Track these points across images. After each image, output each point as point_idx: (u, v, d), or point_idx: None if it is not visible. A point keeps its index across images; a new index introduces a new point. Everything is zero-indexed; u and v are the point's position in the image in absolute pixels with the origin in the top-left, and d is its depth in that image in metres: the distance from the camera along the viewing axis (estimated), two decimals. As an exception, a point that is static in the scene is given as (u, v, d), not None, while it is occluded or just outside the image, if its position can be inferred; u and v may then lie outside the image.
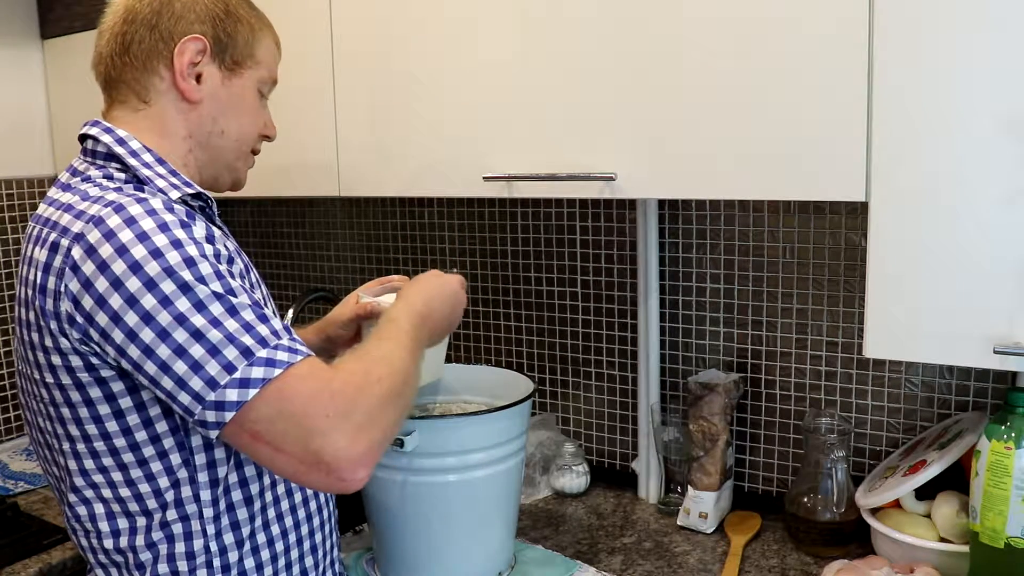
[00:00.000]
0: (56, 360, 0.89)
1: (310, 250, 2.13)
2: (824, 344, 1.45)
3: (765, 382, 1.52)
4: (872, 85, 1.01)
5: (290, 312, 1.77)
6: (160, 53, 0.98)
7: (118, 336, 0.84)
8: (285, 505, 1.01)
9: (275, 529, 1.00)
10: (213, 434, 0.84)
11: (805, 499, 1.36)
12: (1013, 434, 1.08)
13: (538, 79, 1.26)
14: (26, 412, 1.00)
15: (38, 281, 0.88)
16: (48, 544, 1.46)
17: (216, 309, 0.84)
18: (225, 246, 0.93)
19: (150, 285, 0.83)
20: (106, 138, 0.97)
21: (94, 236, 0.85)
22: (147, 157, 0.97)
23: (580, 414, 1.74)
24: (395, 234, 1.96)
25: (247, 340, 0.83)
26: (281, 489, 1.01)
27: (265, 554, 0.99)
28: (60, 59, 2.02)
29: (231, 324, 0.83)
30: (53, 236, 0.88)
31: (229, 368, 0.82)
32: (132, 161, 0.96)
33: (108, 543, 0.95)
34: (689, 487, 1.48)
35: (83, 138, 1.00)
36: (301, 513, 1.03)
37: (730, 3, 1.09)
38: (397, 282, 1.27)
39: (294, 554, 1.03)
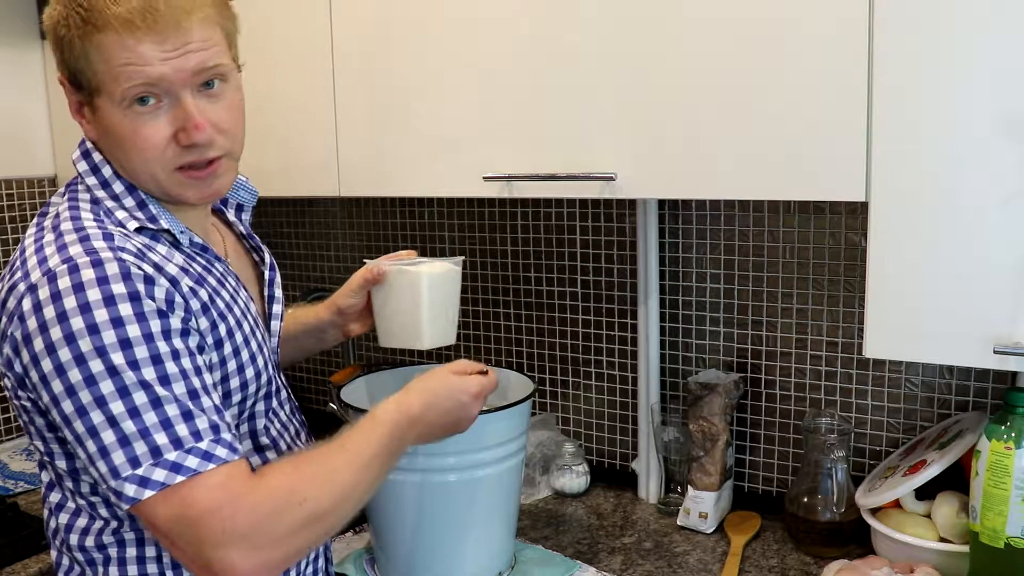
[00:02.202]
0: (15, 391, 0.90)
1: (310, 250, 2.13)
2: (824, 344, 1.45)
3: (765, 382, 1.52)
4: (872, 85, 1.01)
5: (290, 311, 1.77)
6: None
7: (44, 397, 0.84)
8: None
9: None
10: (118, 510, 0.85)
11: (805, 499, 1.36)
12: (1013, 434, 1.08)
13: (538, 79, 1.26)
14: None
15: None
16: (48, 544, 1.46)
17: (139, 398, 0.81)
18: (190, 290, 0.90)
19: (79, 360, 0.81)
20: (81, 165, 0.95)
21: (43, 293, 0.83)
22: (116, 188, 0.93)
23: (580, 414, 1.74)
24: (395, 234, 1.96)
25: (160, 439, 0.81)
26: None
27: None
28: (60, 59, 2.02)
29: (149, 417, 0.81)
30: (17, 275, 0.87)
31: (133, 463, 0.80)
32: (100, 193, 0.93)
33: (68, 536, 0.96)
34: (689, 487, 1.48)
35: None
36: None
37: (730, 3, 1.09)
38: (405, 255, 1.23)
39: None
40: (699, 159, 1.14)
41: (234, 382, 0.96)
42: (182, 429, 0.82)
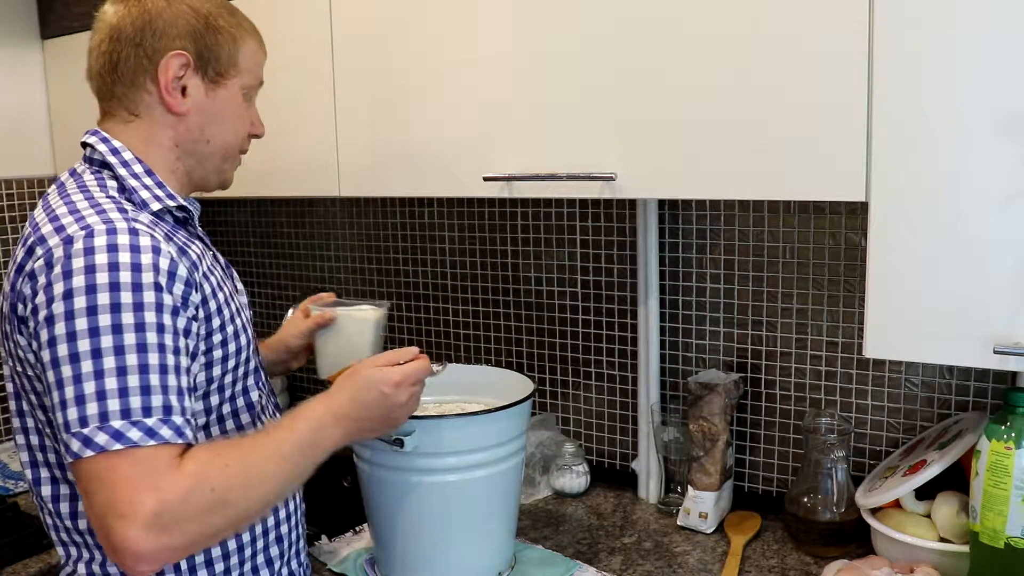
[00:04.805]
0: (19, 353, 0.94)
1: (310, 250, 2.13)
2: (824, 344, 1.45)
3: (765, 382, 1.52)
4: (872, 85, 1.01)
5: (290, 312, 1.77)
6: (146, 69, 1.03)
7: (34, 344, 0.90)
8: None
9: None
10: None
11: (805, 499, 1.36)
12: (1013, 434, 1.08)
13: (538, 79, 1.26)
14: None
15: (11, 278, 0.94)
16: (48, 544, 1.46)
17: (108, 363, 0.85)
18: (198, 256, 0.98)
19: (68, 316, 0.86)
20: (102, 147, 1.03)
21: (58, 253, 0.89)
22: (137, 168, 1.02)
23: (580, 414, 1.74)
24: (395, 234, 1.96)
25: (112, 405, 0.85)
26: None
27: (232, 543, 1.02)
28: (60, 59, 2.02)
29: (110, 383, 0.85)
30: (32, 240, 0.93)
31: (82, 422, 0.84)
32: (121, 171, 1.01)
33: (68, 523, 0.98)
34: (689, 487, 1.48)
35: (84, 144, 1.06)
36: None
37: (730, 3, 1.09)
38: (327, 297, 1.36)
39: (260, 543, 1.05)
40: (699, 159, 1.14)
41: (232, 346, 1.02)
42: (135, 401, 0.86)
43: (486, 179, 1.31)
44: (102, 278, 0.87)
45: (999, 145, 0.95)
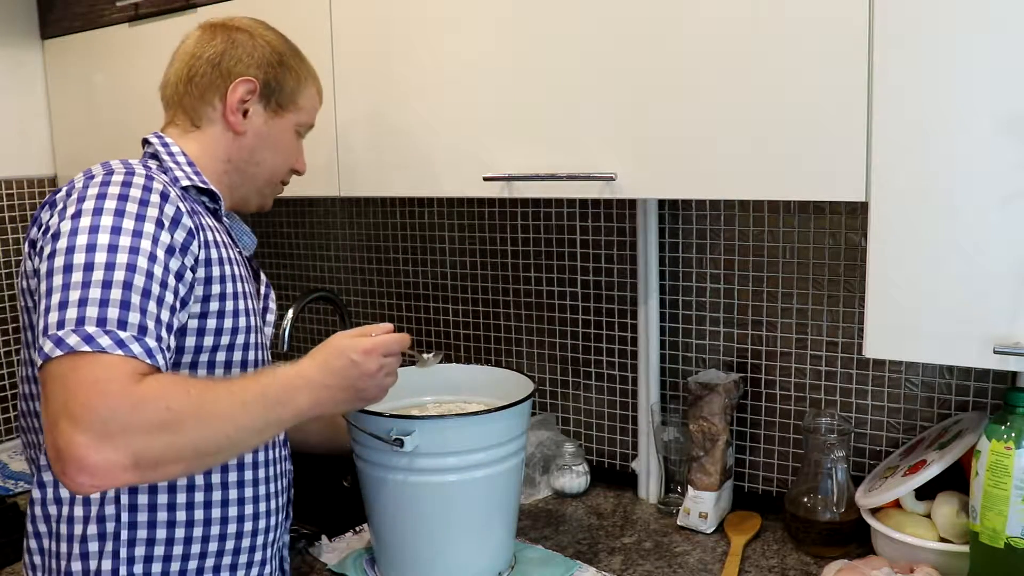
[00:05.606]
0: (24, 284, 1.00)
1: (310, 250, 2.13)
2: (824, 344, 1.45)
3: (765, 382, 1.52)
4: (872, 85, 1.01)
5: (290, 312, 1.77)
6: (217, 87, 1.14)
7: (36, 262, 0.96)
8: (217, 496, 1.06)
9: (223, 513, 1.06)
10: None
11: (805, 499, 1.36)
12: (1013, 434, 1.08)
13: (538, 79, 1.26)
14: (21, 388, 1.07)
15: (37, 213, 1.01)
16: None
17: (97, 275, 0.89)
18: (208, 226, 1.03)
19: (72, 233, 0.92)
20: (155, 141, 1.14)
21: (79, 184, 0.98)
22: (180, 158, 1.11)
23: (580, 414, 1.74)
24: (395, 234, 1.96)
25: (91, 311, 0.87)
26: (216, 479, 1.05)
27: (196, 546, 1.05)
28: (60, 59, 2.02)
29: (93, 292, 0.88)
30: (65, 185, 1.01)
31: (59, 325, 0.87)
32: (165, 156, 1.11)
33: (45, 477, 1.02)
34: (689, 487, 1.48)
35: (145, 141, 1.15)
36: (232, 510, 1.07)
37: (730, 3, 1.09)
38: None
39: (213, 546, 1.06)
40: (699, 159, 1.14)
41: (228, 323, 1.04)
42: (113, 313, 0.88)
43: (486, 179, 1.31)
44: (110, 204, 0.94)
45: (999, 145, 0.95)
